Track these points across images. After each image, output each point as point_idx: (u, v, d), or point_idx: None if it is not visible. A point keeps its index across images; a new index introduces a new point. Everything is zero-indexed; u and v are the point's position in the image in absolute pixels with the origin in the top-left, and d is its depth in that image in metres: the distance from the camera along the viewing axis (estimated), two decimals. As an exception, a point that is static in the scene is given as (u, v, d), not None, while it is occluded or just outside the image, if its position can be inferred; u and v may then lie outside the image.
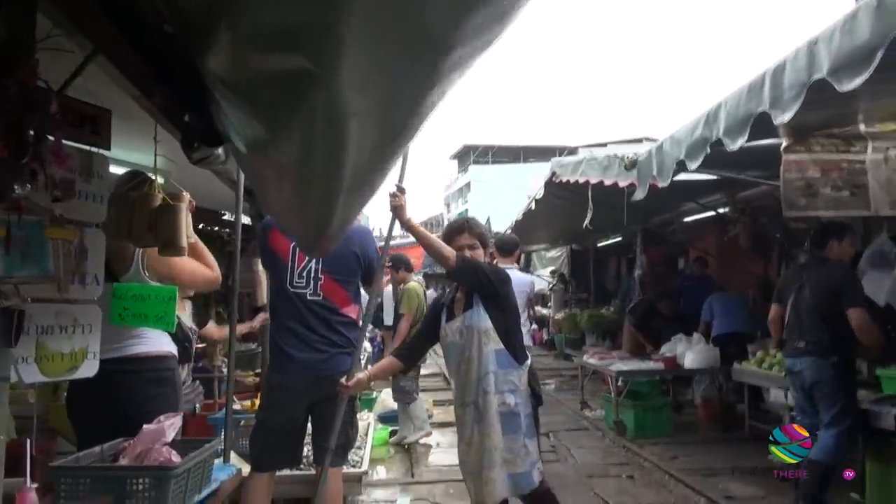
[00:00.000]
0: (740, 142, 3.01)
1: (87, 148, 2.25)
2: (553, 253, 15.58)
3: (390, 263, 6.61)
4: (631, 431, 6.71)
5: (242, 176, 3.35)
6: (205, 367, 5.39)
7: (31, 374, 2.04)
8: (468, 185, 54.58)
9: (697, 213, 8.77)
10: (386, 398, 8.04)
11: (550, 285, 15.14)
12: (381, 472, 5.72)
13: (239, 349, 5.21)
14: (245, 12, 1.10)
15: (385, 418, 7.46)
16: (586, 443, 6.60)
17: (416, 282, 7.25)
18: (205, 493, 2.37)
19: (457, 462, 5.80)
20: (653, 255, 10.32)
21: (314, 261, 3.43)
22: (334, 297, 3.41)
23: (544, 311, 15.71)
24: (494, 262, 3.61)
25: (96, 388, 2.84)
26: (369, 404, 7.39)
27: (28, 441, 1.78)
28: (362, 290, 3.76)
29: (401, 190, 3.20)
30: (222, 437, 3.67)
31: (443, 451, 6.44)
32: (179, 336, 3.53)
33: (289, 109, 1.42)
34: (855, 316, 4.00)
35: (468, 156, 55.26)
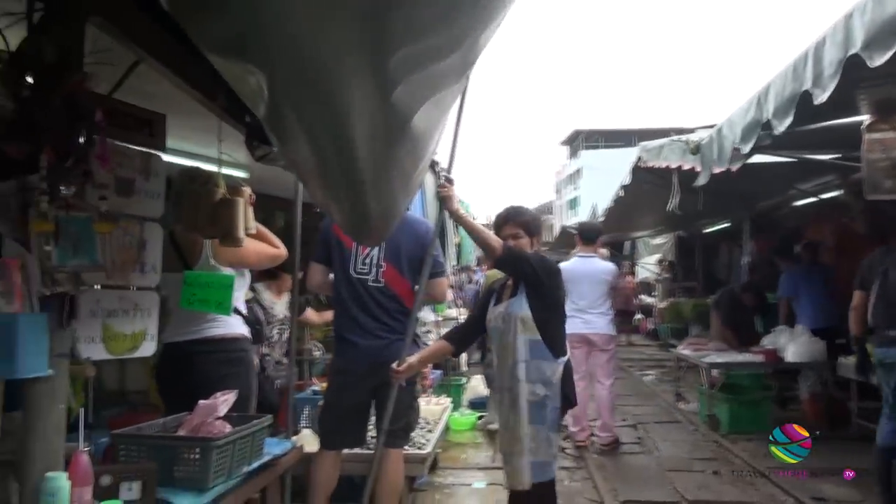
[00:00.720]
0: (787, 123, 2.81)
1: (146, 150, 2.49)
2: (659, 240, 15.05)
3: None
4: (725, 426, 6.44)
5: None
6: (297, 350, 5.72)
7: (98, 351, 2.31)
8: (579, 170, 53.64)
9: (810, 197, 8.21)
10: (477, 384, 8.17)
11: (656, 275, 14.66)
12: (464, 456, 5.84)
13: (328, 333, 5.51)
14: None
15: (475, 404, 7.58)
16: (675, 436, 6.40)
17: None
18: (255, 464, 2.56)
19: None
20: (763, 241, 9.76)
21: (377, 249, 3.58)
22: (395, 286, 3.54)
23: (649, 300, 15.25)
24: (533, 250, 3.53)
25: (177, 367, 3.15)
26: (458, 390, 7.57)
27: (83, 410, 2.03)
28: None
29: (449, 181, 3.28)
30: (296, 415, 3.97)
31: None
32: (251, 319, 3.81)
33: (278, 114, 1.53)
34: None
35: (579, 141, 54.22)
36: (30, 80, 1.87)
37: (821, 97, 2.50)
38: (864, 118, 3.34)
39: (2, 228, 1.89)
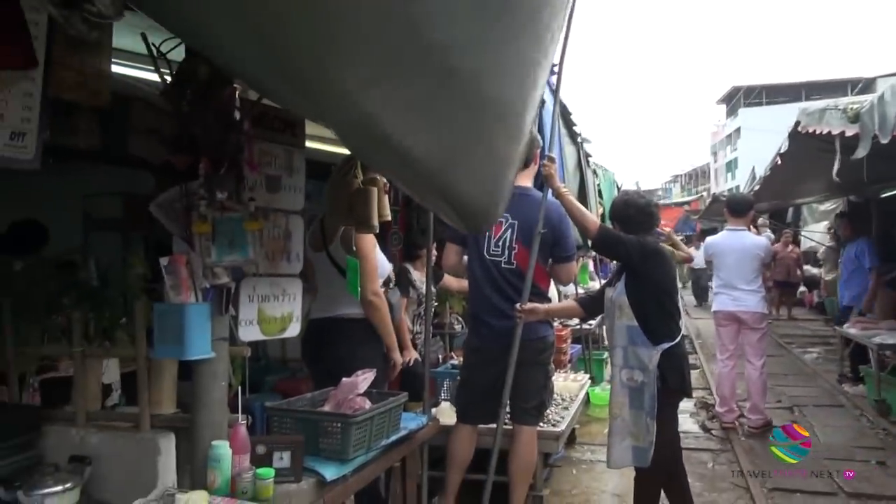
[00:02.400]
0: None
1: (290, 147, 2.71)
2: (827, 206, 13.74)
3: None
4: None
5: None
6: (439, 324, 5.95)
7: (255, 333, 2.58)
8: (737, 130, 49.95)
9: None
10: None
11: (824, 246, 13.45)
12: (604, 431, 5.81)
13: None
14: None
15: (617, 379, 7.50)
16: (837, 421, 5.95)
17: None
18: (393, 437, 2.77)
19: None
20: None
21: (510, 230, 3.65)
22: (528, 267, 3.60)
23: (815, 272, 14.06)
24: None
25: (319, 341, 3.43)
26: (600, 365, 7.50)
27: (239, 387, 2.30)
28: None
29: (550, 159, 3.27)
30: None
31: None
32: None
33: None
34: None
35: (738, 98, 50.42)
36: (188, 97, 2.11)
37: None
38: None
39: (171, 229, 2.17)
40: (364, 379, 2.74)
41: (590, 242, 3.37)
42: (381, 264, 3.51)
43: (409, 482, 3.14)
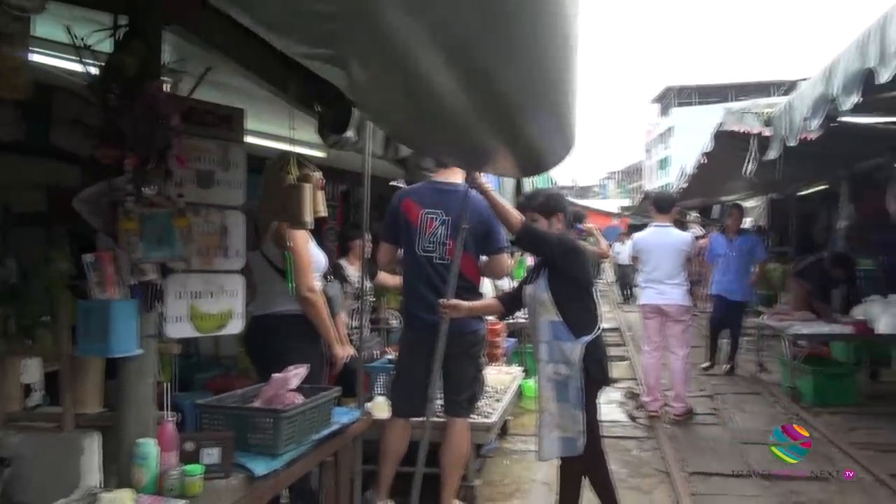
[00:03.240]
0: (853, 101, 2.68)
1: (226, 141, 2.70)
2: (751, 203, 14.41)
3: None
4: (808, 398, 6.27)
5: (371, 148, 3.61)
6: (376, 319, 5.97)
7: (186, 330, 2.57)
8: (670, 129, 51.60)
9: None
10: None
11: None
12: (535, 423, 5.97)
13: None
14: None
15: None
16: (753, 408, 6.29)
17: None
18: (324, 432, 2.79)
19: (603, 419, 5.95)
20: (866, 205, 9.19)
21: (442, 226, 3.72)
22: (460, 262, 3.67)
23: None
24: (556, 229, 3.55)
25: (262, 338, 3.42)
26: (531, 357, 7.67)
27: (167, 384, 2.29)
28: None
29: None
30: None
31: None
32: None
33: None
34: None
35: (671, 98, 52.04)
36: (116, 91, 2.08)
37: (885, 76, 2.39)
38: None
39: (95, 224, 2.14)
40: (295, 374, 2.75)
41: (515, 239, 3.45)
42: (317, 259, 3.52)
43: (342, 476, 3.17)
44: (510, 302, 3.63)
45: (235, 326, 2.79)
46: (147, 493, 1.98)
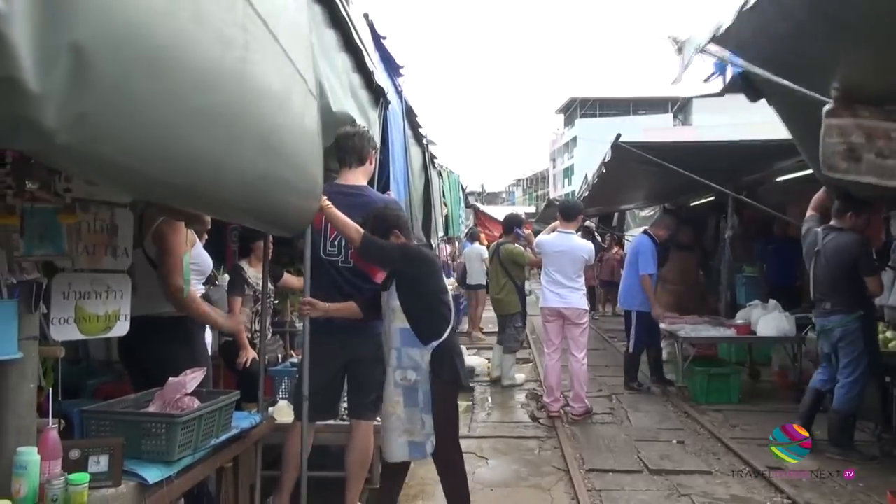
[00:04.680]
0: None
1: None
2: (647, 212, 15.15)
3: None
4: (697, 397, 6.66)
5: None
6: (280, 322, 5.85)
7: (71, 332, 2.43)
8: (574, 139, 53.43)
9: (793, 172, 8.29)
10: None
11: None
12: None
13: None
14: None
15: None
16: (647, 407, 6.60)
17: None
18: (223, 437, 2.72)
19: (507, 420, 6.06)
20: (748, 215, 9.86)
21: None
22: (364, 264, 3.66)
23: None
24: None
25: (135, 340, 3.24)
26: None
27: (51, 390, 2.16)
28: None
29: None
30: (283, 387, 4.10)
31: (501, 409, 6.67)
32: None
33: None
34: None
35: (575, 109, 53.89)
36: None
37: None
38: (827, 104, 3.45)
39: (-29, 220, 2.00)
40: (192, 378, 2.67)
41: (356, 252, 3.49)
42: (203, 261, 3.42)
43: (241, 482, 3.09)
44: (368, 307, 3.60)
45: (122, 328, 2.67)
46: (26, 505, 1.86)
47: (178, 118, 1.42)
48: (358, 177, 3.76)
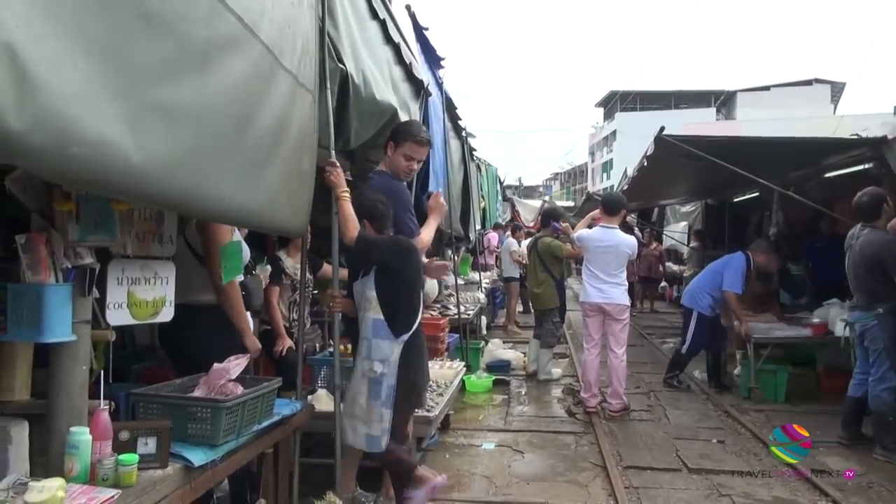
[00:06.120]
0: None
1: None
2: (687, 207, 14.89)
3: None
4: (775, 397, 6.49)
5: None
6: (319, 311, 5.90)
7: (124, 317, 2.49)
8: (614, 133, 52.76)
9: (842, 168, 8.03)
10: (495, 347, 8.35)
11: (683, 243, 14.56)
12: (479, 417, 6.03)
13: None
14: None
15: (492, 367, 7.78)
16: (686, 405, 6.49)
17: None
18: (265, 423, 2.76)
19: (543, 414, 6.03)
20: (794, 212, 9.60)
21: None
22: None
23: (675, 268, 15.19)
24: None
25: (175, 328, 3.29)
26: (476, 353, 7.75)
27: (102, 373, 2.22)
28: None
29: (332, 164, 3.32)
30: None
31: (537, 404, 6.64)
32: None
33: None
34: None
35: (615, 103, 53.16)
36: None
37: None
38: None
39: (29, 205, 2.05)
40: (237, 364, 2.71)
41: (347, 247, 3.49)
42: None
43: (281, 468, 3.14)
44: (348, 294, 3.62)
45: (168, 314, 2.72)
46: (78, 483, 1.92)
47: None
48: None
